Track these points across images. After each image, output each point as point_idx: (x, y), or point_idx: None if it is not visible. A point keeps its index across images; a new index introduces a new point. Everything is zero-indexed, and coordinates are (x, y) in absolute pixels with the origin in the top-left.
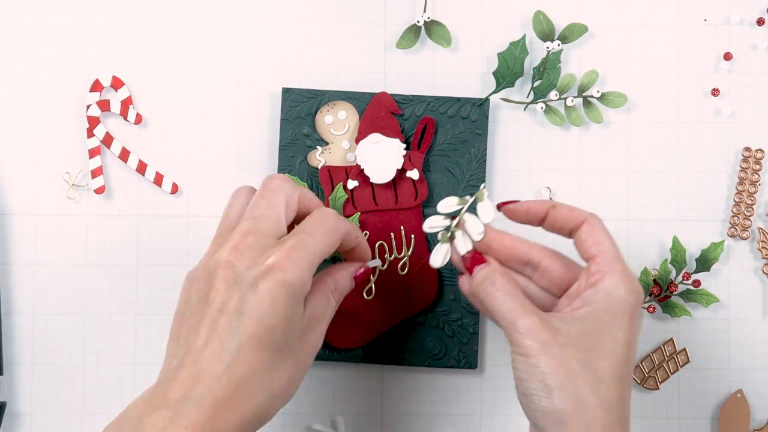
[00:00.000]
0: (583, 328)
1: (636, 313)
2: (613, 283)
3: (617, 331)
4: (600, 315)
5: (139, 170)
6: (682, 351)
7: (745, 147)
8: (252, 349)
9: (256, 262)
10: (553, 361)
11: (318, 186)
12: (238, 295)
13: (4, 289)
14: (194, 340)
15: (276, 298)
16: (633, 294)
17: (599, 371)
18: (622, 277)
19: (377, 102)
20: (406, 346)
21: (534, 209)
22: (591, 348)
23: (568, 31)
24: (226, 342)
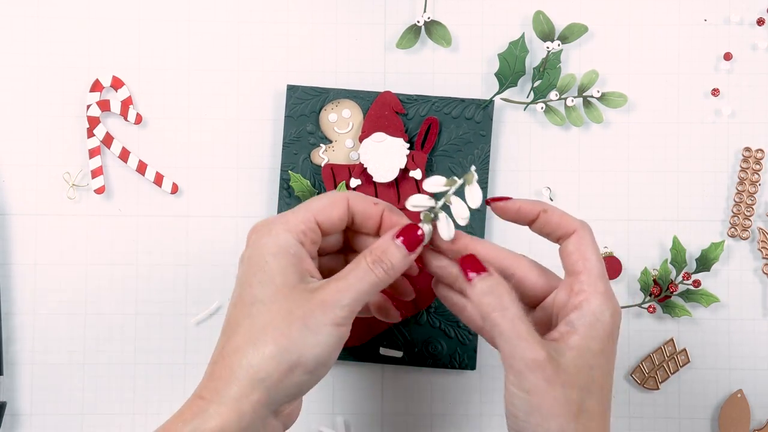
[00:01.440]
0: (578, 362)
1: (616, 337)
2: (598, 305)
3: (603, 363)
4: (589, 344)
5: (139, 170)
6: (682, 351)
7: (745, 147)
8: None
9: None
10: (556, 405)
11: (321, 184)
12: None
13: (4, 289)
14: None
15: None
16: (616, 316)
17: (590, 409)
18: (605, 299)
19: (381, 101)
20: (407, 346)
21: (525, 210)
22: (585, 385)
23: (568, 31)
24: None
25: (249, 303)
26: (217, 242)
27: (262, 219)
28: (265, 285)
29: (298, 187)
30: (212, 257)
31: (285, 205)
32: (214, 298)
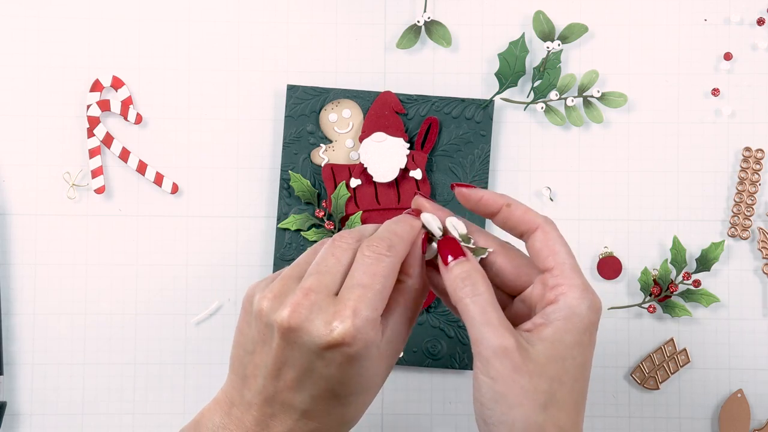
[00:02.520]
0: (549, 352)
1: (595, 330)
2: (574, 299)
3: (578, 355)
4: (563, 337)
5: (139, 170)
6: (682, 351)
7: (745, 147)
8: (319, 402)
9: (318, 330)
10: (522, 393)
11: (321, 184)
12: (301, 356)
13: (4, 289)
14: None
15: (342, 364)
16: (594, 310)
17: (560, 401)
18: (582, 292)
19: (382, 101)
20: (407, 346)
21: (487, 201)
22: (556, 376)
23: (568, 31)
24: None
25: (340, 397)
26: (217, 242)
27: (344, 316)
28: (361, 381)
29: (298, 186)
30: (212, 257)
31: (285, 205)
32: (214, 298)
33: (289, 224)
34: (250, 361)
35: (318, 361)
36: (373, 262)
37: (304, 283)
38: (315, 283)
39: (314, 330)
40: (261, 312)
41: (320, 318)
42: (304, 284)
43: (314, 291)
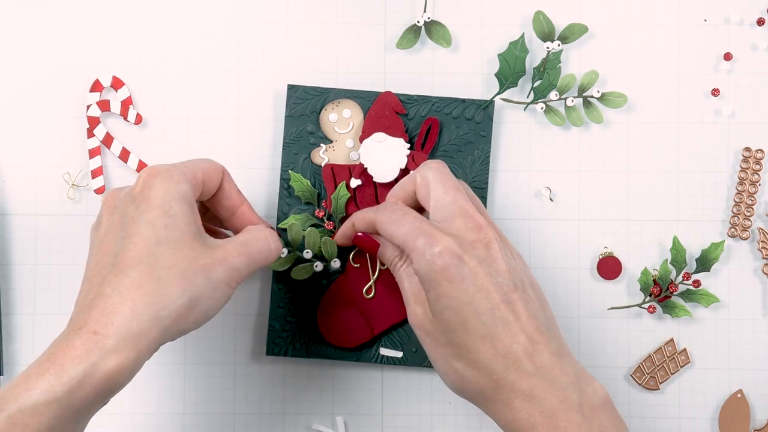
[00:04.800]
0: (433, 311)
1: (452, 271)
2: (415, 265)
3: (450, 302)
4: (429, 297)
5: (139, 170)
6: (682, 351)
7: (745, 147)
8: (137, 245)
9: (131, 186)
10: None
11: (321, 184)
12: (119, 215)
13: (4, 289)
14: (88, 269)
15: (151, 198)
16: (434, 259)
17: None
18: (418, 253)
19: (382, 101)
20: (406, 346)
21: (345, 234)
22: (447, 328)
23: (568, 31)
24: (113, 249)
25: (153, 243)
26: None
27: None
28: (171, 229)
29: (298, 186)
30: None
31: (285, 205)
32: None
33: (288, 224)
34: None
35: (130, 206)
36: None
37: None
38: (185, 163)
39: (128, 187)
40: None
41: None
42: None
43: (184, 164)
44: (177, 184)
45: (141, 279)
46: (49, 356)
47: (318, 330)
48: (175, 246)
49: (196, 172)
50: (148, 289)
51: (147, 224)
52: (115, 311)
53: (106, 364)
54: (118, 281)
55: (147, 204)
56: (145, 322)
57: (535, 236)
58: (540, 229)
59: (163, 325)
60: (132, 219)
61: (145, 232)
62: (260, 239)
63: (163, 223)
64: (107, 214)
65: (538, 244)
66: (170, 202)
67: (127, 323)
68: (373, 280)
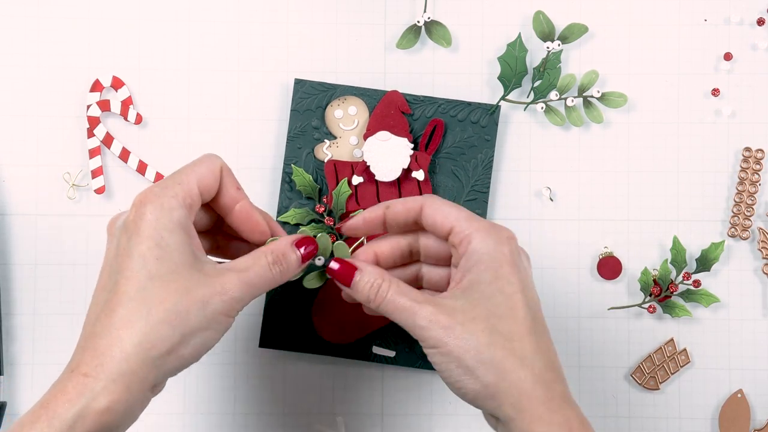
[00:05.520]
0: (473, 297)
1: (515, 260)
2: (478, 242)
3: (505, 286)
4: (481, 277)
5: (139, 170)
6: (682, 351)
7: (745, 147)
8: (127, 280)
9: (126, 214)
10: (461, 342)
11: (323, 179)
12: (114, 243)
13: (4, 289)
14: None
15: (142, 229)
16: (502, 243)
17: (506, 332)
18: (485, 232)
19: (388, 100)
20: (399, 346)
21: (370, 217)
22: (489, 313)
23: (568, 31)
24: (106, 284)
25: (144, 277)
26: None
27: (146, 189)
28: (164, 262)
29: (300, 181)
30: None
31: (286, 199)
32: None
33: (288, 218)
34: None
35: (123, 235)
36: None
37: None
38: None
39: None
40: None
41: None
42: None
43: (177, 182)
44: (169, 212)
45: (130, 317)
46: (43, 403)
47: (312, 325)
48: (168, 279)
49: (191, 186)
50: (138, 328)
51: (138, 258)
52: (105, 352)
53: (97, 405)
54: (108, 320)
55: (138, 237)
56: (135, 362)
57: (535, 236)
58: (540, 229)
59: (155, 364)
60: (124, 252)
61: (136, 266)
62: (262, 265)
63: (155, 255)
64: (108, 244)
65: (538, 244)
66: (162, 232)
67: (117, 364)
68: None
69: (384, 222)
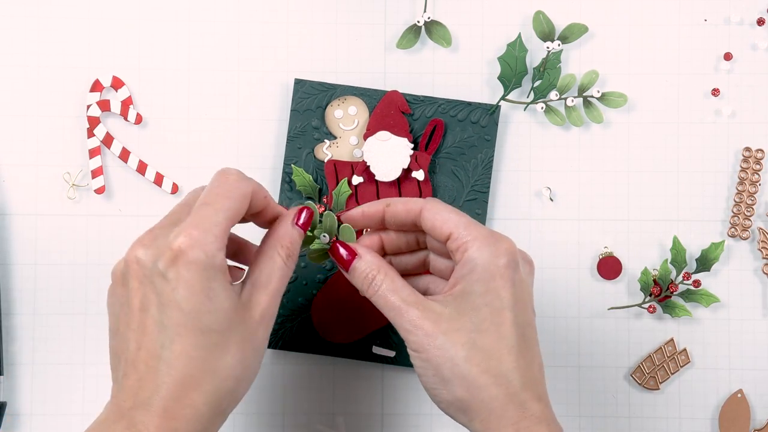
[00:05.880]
0: (461, 307)
1: (509, 273)
2: (474, 251)
3: (494, 300)
4: (472, 288)
5: (139, 170)
6: (682, 351)
7: (745, 147)
8: (183, 338)
9: (161, 252)
10: (440, 353)
11: (323, 179)
12: (152, 289)
13: (4, 289)
14: (128, 348)
15: (188, 280)
16: (499, 255)
17: (486, 348)
18: (483, 241)
19: (388, 100)
20: (399, 346)
21: (369, 211)
22: (473, 327)
23: (568, 31)
24: (157, 339)
25: (199, 332)
26: None
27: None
28: (217, 314)
29: (300, 181)
30: None
31: (286, 199)
32: None
33: None
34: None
35: (164, 284)
36: (222, 181)
37: (154, 224)
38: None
39: (155, 251)
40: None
41: (162, 240)
42: (153, 225)
43: (158, 226)
44: (212, 259)
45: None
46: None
47: (312, 325)
48: (223, 330)
49: (227, 224)
50: (207, 388)
51: (191, 314)
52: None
53: None
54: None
55: (186, 291)
56: (207, 420)
57: (535, 236)
58: (540, 229)
59: (225, 414)
60: (171, 303)
61: (190, 323)
62: (280, 267)
63: (207, 309)
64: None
65: (538, 244)
66: (210, 283)
67: (191, 426)
68: None
69: (383, 218)
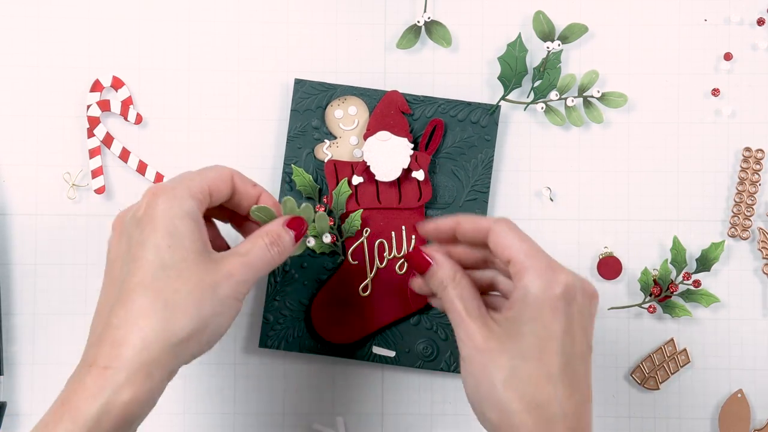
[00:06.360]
0: (510, 331)
1: (561, 305)
2: (529, 281)
3: (541, 330)
4: (522, 315)
5: (139, 170)
6: (682, 351)
7: (745, 147)
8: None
9: (136, 206)
10: (483, 370)
11: (323, 179)
12: (126, 238)
13: (4, 289)
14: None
15: (154, 217)
16: (553, 286)
17: (525, 375)
18: (537, 272)
19: (388, 100)
20: (399, 346)
21: (443, 227)
22: (517, 353)
23: (568, 31)
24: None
25: (158, 266)
26: None
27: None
28: (176, 250)
29: (300, 181)
30: None
31: None
32: None
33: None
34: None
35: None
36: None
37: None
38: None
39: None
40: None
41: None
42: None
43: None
44: (180, 201)
45: (148, 306)
46: (63, 400)
47: (312, 325)
48: (181, 267)
49: (203, 184)
50: (157, 316)
51: (151, 247)
52: (123, 343)
53: (120, 398)
54: (124, 311)
55: (151, 225)
56: (156, 351)
57: (535, 236)
58: (540, 229)
59: (175, 352)
60: (137, 242)
61: (150, 256)
62: (261, 247)
63: (167, 243)
64: (115, 240)
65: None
66: (174, 220)
67: (137, 354)
68: (370, 278)
69: (451, 235)
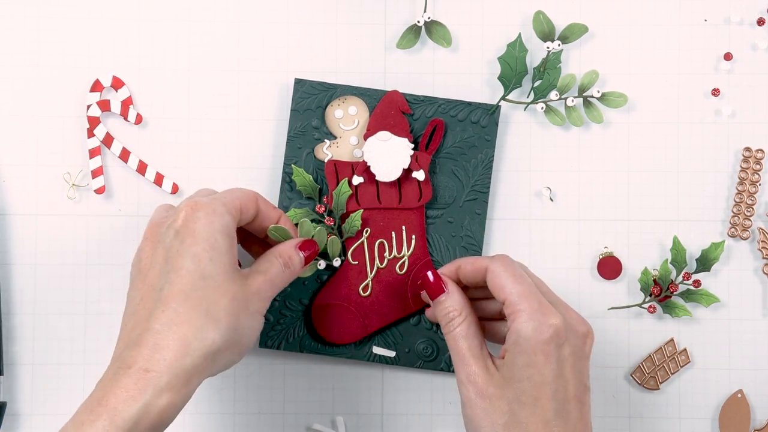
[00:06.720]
0: (506, 375)
1: (551, 349)
2: (519, 323)
3: (534, 375)
4: (515, 360)
5: (139, 170)
6: (682, 351)
7: (745, 147)
8: (183, 279)
9: (172, 216)
10: (484, 416)
11: (323, 179)
12: (162, 247)
13: (4, 289)
14: (133, 302)
15: (194, 231)
16: (543, 329)
17: (523, 421)
18: (529, 315)
19: (388, 100)
20: (399, 346)
21: (444, 273)
22: (514, 398)
23: (569, 31)
24: (158, 283)
25: (198, 277)
26: None
27: (192, 199)
28: (216, 263)
29: (300, 181)
30: None
31: (286, 199)
32: None
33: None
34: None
35: (174, 241)
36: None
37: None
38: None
39: (168, 221)
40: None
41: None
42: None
43: (223, 195)
44: (220, 216)
45: (189, 314)
46: (100, 400)
47: (312, 325)
48: (219, 279)
49: (235, 202)
50: (198, 324)
51: (192, 258)
52: (165, 347)
53: (160, 401)
54: (166, 316)
55: (192, 238)
56: (197, 358)
57: (535, 236)
58: (540, 229)
59: (213, 359)
60: (177, 253)
61: (190, 266)
62: (276, 266)
63: (208, 256)
64: (149, 248)
65: (538, 244)
66: (215, 234)
67: (179, 359)
68: (370, 279)
69: (458, 278)
